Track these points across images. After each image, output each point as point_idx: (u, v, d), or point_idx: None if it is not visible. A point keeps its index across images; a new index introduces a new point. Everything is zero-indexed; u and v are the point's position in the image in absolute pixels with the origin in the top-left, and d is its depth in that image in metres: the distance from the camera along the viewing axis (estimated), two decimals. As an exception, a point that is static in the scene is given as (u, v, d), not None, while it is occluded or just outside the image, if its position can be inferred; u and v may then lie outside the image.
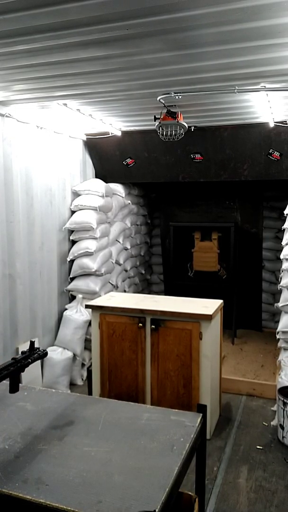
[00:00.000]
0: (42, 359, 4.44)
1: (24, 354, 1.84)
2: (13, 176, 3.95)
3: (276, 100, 3.48)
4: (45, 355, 1.93)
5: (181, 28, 2.18)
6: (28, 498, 1.49)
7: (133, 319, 3.71)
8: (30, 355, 1.86)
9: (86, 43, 2.37)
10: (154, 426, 1.97)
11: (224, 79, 3.01)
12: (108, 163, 5.42)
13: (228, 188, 5.83)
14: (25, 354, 1.85)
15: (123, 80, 3.08)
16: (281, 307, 4.14)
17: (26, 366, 1.82)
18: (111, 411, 2.11)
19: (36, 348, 1.91)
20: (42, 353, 1.91)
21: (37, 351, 1.90)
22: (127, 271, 5.92)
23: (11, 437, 1.87)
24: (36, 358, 1.88)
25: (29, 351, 1.87)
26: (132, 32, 2.21)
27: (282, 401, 3.54)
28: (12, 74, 2.95)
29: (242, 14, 2.00)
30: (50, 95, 3.47)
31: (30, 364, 1.84)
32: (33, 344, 1.90)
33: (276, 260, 5.90)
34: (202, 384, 3.56)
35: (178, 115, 3.60)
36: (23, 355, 1.84)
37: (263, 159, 4.65)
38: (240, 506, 2.87)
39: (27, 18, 2.08)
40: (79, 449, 1.78)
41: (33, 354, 1.87)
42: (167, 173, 5.22)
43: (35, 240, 4.34)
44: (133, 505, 1.44)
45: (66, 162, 4.89)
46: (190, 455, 1.82)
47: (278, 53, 2.49)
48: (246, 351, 5.43)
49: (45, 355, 1.93)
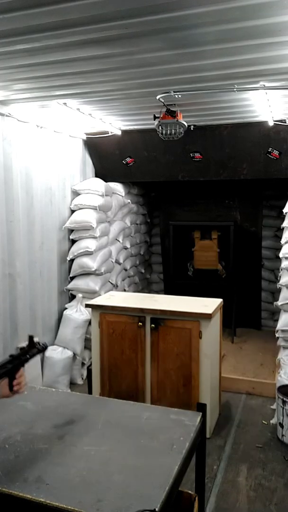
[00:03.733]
0: (43, 359, 4.48)
1: (23, 350, 1.73)
2: (13, 176, 3.94)
3: (275, 98, 3.47)
4: (45, 349, 1.82)
5: (180, 27, 2.18)
6: (28, 497, 1.49)
7: (133, 318, 3.72)
8: (29, 351, 1.74)
9: (86, 42, 2.36)
10: (154, 425, 1.97)
11: (223, 78, 3.01)
12: (108, 162, 5.41)
13: (227, 187, 5.82)
14: (23, 349, 1.74)
15: (122, 79, 3.07)
16: (280, 305, 4.15)
17: (26, 362, 1.71)
18: (111, 410, 2.12)
19: (35, 342, 1.79)
20: (41, 348, 1.79)
21: (37, 346, 1.78)
22: (127, 270, 5.92)
23: (11, 436, 1.87)
24: (35, 354, 1.76)
25: (28, 347, 1.76)
26: (131, 31, 2.20)
27: (281, 399, 3.55)
28: (11, 73, 2.95)
29: (242, 12, 2.00)
30: (50, 94, 3.47)
31: (29, 360, 1.72)
32: (32, 339, 1.78)
33: (275, 259, 5.89)
34: (201, 383, 3.57)
35: (177, 114, 3.59)
36: (21, 351, 1.73)
37: (262, 157, 4.65)
38: (240, 504, 2.88)
39: (26, 17, 2.07)
40: (79, 448, 1.78)
41: (32, 349, 1.75)
42: (166, 172, 5.22)
43: (35, 239, 4.34)
44: (133, 504, 1.44)
45: (66, 161, 4.89)
46: (190, 454, 1.82)
47: (277, 52, 2.49)
48: (246, 350, 5.44)
49: (44, 349, 1.82)
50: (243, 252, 5.91)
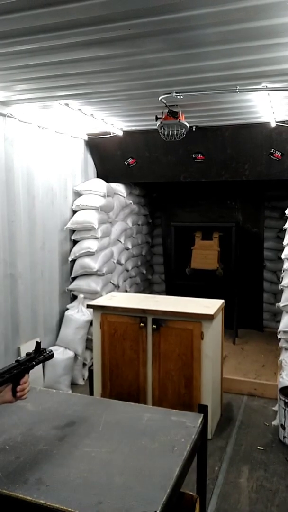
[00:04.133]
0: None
1: (29, 356, 1.71)
2: (14, 176, 3.95)
3: (277, 99, 3.47)
4: (51, 357, 1.78)
5: (182, 28, 2.18)
6: (28, 499, 1.48)
7: (134, 319, 3.71)
8: (35, 357, 1.72)
9: (88, 43, 2.37)
10: (155, 427, 1.96)
11: (225, 79, 3.01)
12: (110, 163, 5.41)
13: (229, 188, 5.82)
14: (30, 355, 1.71)
15: (124, 80, 3.07)
16: (282, 307, 4.14)
17: (31, 368, 1.69)
18: (112, 412, 2.11)
19: (42, 349, 1.76)
20: (48, 355, 1.76)
21: (43, 353, 1.75)
22: (128, 271, 5.91)
23: (11, 437, 1.87)
24: (41, 361, 1.74)
25: (35, 353, 1.73)
26: (134, 32, 2.20)
27: (283, 401, 3.54)
28: (14, 74, 2.95)
29: (244, 13, 2.00)
30: (52, 95, 3.47)
31: (34, 366, 1.70)
32: (39, 345, 1.75)
33: (277, 260, 5.89)
34: (203, 384, 3.56)
35: (179, 115, 3.59)
36: (27, 356, 1.71)
37: (265, 159, 4.64)
38: (241, 505, 2.87)
39: (29, 18, 2.07)
40: (79, 449, 1.78)
41: (39, 356, 1.73)
42: (168, 173, 5.22)
43: (36, 240, 4.34)
44: (134, 506, 1.44)
45: (67, 162, 4.89)
46: (191, 455, 1.82)
47: (280, 53, 2.49)
48: (247, 351, 5.43)
49: (51, 357, 1.78)
50: (245, 253, 5.90)
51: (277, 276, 5.93)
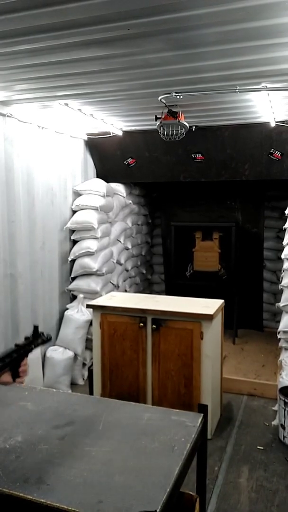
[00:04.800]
0: (44, 360, 4.48)
1: (28, 340, 1.75)
2: (14, 176, 3.95)
3: (277, 99, 3.47)
4: (49, 340, 1.84)
5: (182, 28, 2.18)
6: (28, 498, 1.48)
7: (134, 319, 3.71)
8: (34, 341, 1.76)
9: (88, 43, 2.37)
10: (155, 426, 1.96)
11: (225, 79, 3.01)
12: (109, 163, 5.41)
13: (229, 188, 5.82)
14: (28, 339, 1.75)
15: (124, 80, 3.07)
16: (282, 307, 4.14)
17: (30, 352, 1.74)
18: (112, 411, 2.11)
19: (40, 332, 1.80)
20: (46, 338, 1.81)
21: (42, 336, 1.80)
22: (128, 271, 5.92)
23: (11, 436, 1.87)
24: (39, 344, 1.79)
25: (33, 337, 1.77)
26: (134, 32, 2.21)
27: (283, 401, 3.54)
28: (13, 74, 2.95)
29: (244, 13, 2.00)
30: (52, 95, 3.47)
31: (33, 349, 1.75)
32: (37, 329, 1.80)
33: (277, 260, 5.89)
34: (203, 383, 3.56)
35: (179, 114, 3.59)
36: (26, 341, 1.75)
37: (264, 159, 4.65)
38: (241, 505, 2.87)
39: (28, 18, 2.07)
40: (79, 449, 1.78)
41: (37, 339, 1.78)
42: (168, 173, 5.22)
43: (36, 239, 4.34)
44: (134, 505, 1.44)
45: (67, 162, 4.89)
46: (191, 455, 1.82)
47: (279, 53, 2.49)
48: (247, 351, 5.43)
49: (49, 339, 1.84)
50: (244, 253, 5.90)
51: (277, 276, 5.93)
